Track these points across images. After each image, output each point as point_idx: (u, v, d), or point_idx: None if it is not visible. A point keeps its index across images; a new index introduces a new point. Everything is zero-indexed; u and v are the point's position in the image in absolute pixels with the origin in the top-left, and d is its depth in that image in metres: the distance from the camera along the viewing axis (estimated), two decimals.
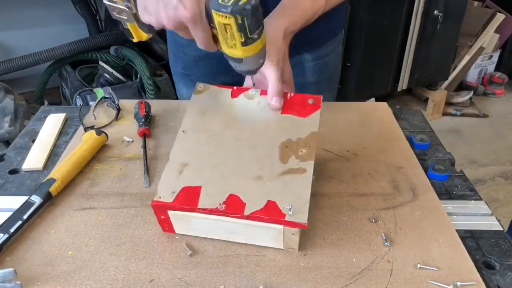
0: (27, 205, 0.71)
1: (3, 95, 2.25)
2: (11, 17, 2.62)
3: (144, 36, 0.75)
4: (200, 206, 0.64)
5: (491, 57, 3.36)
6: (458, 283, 0.62)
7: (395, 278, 0.63)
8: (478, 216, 0.76)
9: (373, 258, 0.66)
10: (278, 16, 0.81)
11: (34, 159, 0.88)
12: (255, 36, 0.63)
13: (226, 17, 0.60)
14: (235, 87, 0.78)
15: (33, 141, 0.94)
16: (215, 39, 0.66)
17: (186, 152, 0.71)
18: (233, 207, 0.63)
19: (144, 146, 0.90)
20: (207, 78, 1.05)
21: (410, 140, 0.95)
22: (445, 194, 0.81)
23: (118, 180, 0.82)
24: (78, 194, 0.78)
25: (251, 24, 0.61)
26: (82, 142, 0.87)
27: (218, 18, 0.61)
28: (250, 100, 0.76)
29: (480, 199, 0.80)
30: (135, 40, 0.76)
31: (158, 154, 0.90)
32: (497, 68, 3.45)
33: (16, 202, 0.73)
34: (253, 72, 0.70)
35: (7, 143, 2.20)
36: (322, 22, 0.92)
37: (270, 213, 0.63)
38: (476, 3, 3.31)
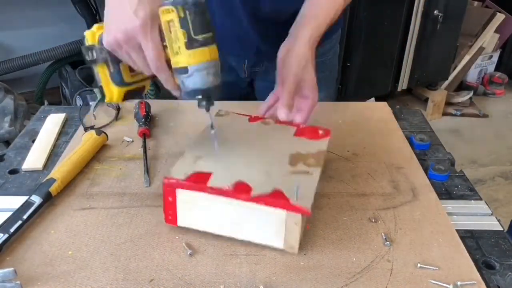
0: (27, 205, 0.71)
1: (3, 95, 2.25)
2: (11, 17, 2.62)
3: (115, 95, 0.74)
4: (209, 185, 0.66)
5: (491, 57, 3.36)
6: (458, 283, 0.62)
7: (395, 277, 0.63)
8: (478, 216, 0.76)
9: (373, 257, 0.66)
10: (300, 28, 0.83)
11: (34, 159, 0.88)
12: (200, 39, 0.62)
13: (169, 11, 0.61)
14: (253, 115, 0.85)
15: (33, 141, 0.94)
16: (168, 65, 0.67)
17: (201, 149, 0.74)
18: (240, 189, 0.65)
19: (144, 146, 0.90)
20: None
21: (410, 140, 0.95)
22: (445, 194, 0.81)
23: (118, 180, 0.82)
24: (78, 194, 0.78)
25: (195, 22, 0.61)
26: (82, 142, 0.87)
27: (164, 17, 0.62)
28: (266, 125, 0.83)
29: (480, 199, 0.80)
30: (106, 100, 0.76)
31: (158, 154, 0.90)
32: (497, 68, 3.45)
33: (16, 202, 0.73)
34: (202, 92, 0.65)
35: (7, 143, 2.20)
36: None
37: (275, 197, 0.64)
38: (476, 3, 3.31)
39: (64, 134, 0.97)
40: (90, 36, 0.71)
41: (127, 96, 0.75)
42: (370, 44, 2.63)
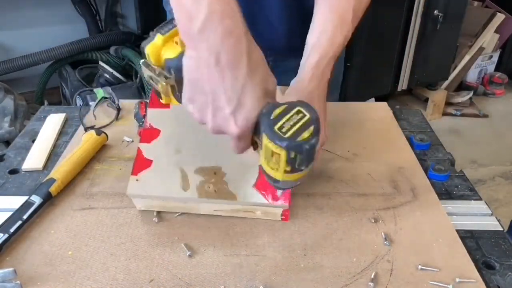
0: (27, 205, 0.71)
1: (3, 95, 2.25)
2: (11, 17, 2.62)
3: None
4: None
5: (491, 57, 3.36)
6: (457, 279, 0.62)
7: (395, 278, 0.63)
8: (478, 216, 0.76)
9: (373, 258, 0.66)
10: (304, 60, 0.75)
11: (34, 159, 0.88)
12: (302, 168, 0.58)
13: (276, 147, 0.55)
14: None
15: (33, 141, 0.94)
16: (254, 145, 0.62)
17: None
18: None
19: None
20: None
21: (410, 140, 0.95)
22: (445, 194, 0.81)
23: (118, 180, 0.82)
24: (78, 194, 0.78)
25: (303, 160, 0.57)
26: (82, 142, 0.87)
27: (269, 145, 0.55)
28: None
29: (480, 199, 0.80)
30: (163, 102, 0.69)
31: None
32: (497, 68, 3.45)
33: (16, 202, 0.73)
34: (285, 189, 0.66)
35: (7, 143, 2.20)
36: None
37: None
38: (476, 3, 3.31)
39: (64, 134, 0.97)
40: (154, 54, 0.64)
41: None
42: (370, 44, 2.63)
